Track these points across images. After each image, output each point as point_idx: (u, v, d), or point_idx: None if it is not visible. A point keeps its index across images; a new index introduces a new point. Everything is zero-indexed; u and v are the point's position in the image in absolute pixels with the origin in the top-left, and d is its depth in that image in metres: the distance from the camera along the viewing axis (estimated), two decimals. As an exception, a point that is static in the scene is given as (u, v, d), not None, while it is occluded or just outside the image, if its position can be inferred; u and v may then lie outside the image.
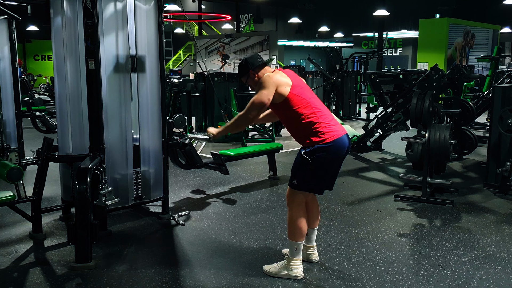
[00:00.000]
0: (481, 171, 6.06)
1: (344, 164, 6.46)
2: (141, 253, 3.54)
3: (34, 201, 3.75)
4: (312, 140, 2.98)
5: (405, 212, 4.53)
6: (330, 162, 3.02)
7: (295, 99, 3.00)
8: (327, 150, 2.95)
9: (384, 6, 15.06)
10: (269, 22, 24.74)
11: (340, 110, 12.07)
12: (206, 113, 8.60)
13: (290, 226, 3.12)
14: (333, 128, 2.99)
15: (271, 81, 2.99)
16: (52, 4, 3.90)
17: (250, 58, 3.17)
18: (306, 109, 2.99)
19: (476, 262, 3.42)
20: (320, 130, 2.96)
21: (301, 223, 3.09)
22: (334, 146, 2.96)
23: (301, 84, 3.10)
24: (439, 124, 4.89)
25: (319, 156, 2.95)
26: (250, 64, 3.15)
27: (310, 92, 3.12)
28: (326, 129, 2.97)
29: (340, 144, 2.99)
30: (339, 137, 2.98)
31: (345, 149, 3.04)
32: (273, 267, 3.18)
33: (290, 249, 3.15)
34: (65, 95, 3.92)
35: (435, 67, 6.28)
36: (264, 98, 2.98)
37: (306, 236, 3.25)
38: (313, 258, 3.35)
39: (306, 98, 3.03)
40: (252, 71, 3.14)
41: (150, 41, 3.95)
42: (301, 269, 3.13)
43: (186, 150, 4.50)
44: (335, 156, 3.01)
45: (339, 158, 3.06)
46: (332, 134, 2.97)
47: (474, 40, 17.69)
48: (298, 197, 3.11)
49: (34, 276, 3.18)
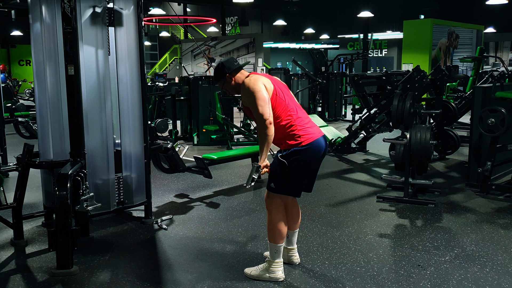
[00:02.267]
0: (463, 171, 6.14)
1: (328, 166, 6.57)
2: (123, 258, 3.53)
3: (15, 207, 3.72)
4: (288, 143, 3.00)
5: (387, 213, 4.57)
6: (307, 164, 3.04)
7: (273, 103, 3.00)
8: (303, 152, 2.98)
9: (368, 8, 15.18)
10: (255, 24, 24.79)
11: (326, 112, 12.14)
12: (191, 117, 8.59)
13: (270, 229, 3.14)
14: (309, 130, 3.02)
15: (257, 85, 2.95)
16: (31, 9, 3.88)
17: (226, 62, 3.15)
18: (283, 112, 3.00)
19: (456, 261, 3.47)
20: (296, 133, 2.99)
21: (281, 225, 3.11)
22: (310, 148, 2.99)
23: (280, 86, 3.11)
24: (420, 125, 4.95)
25: (295, 159, 2.98)
26: (226, 68, 3.13)
27: (288, 95, 3.13)
28: (302, 132, 2.99)
29: (317, 146, 3.02)
30: (315, 139, 3.00)
31: (321, 151, 3.06)
32: (254, 270, 3.20)
33: (270, 252, 3.17)
34: (45, 101, 3.90)
35: (417, 68, 6.35)
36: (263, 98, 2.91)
37: (286, 238, 3.27)
38: (294, 260, 3.37)
39: (284, 101, 3.03)
40: (229, 75, 3.13)
41: (130, 46, 3.95)
42: (282, 271, 3.15)
43: (168, 154, 4.50)
44: (312, 158, 3.03)
45: (316, 160, 3.08)
46: (308, 136, 2.99)
47: (458, 41, 17.88)
48: (277, 200, 3.13)
49: (14, 283, 3.16)
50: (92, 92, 3.81)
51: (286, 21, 20.26)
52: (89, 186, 3.66)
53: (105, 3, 3.78)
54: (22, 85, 17.36)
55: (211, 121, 8.28)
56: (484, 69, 11.41)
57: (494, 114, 4.88)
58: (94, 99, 3.82)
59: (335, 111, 12.29)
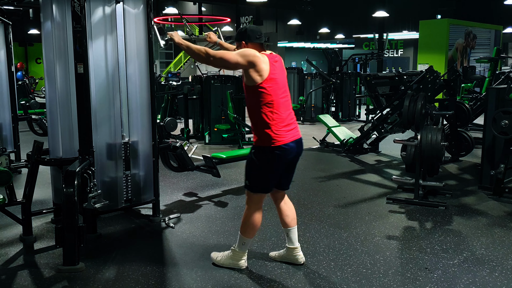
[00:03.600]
0: (476, 173, 6.04)
1: (339, 166, 6.53)
2: (129, 256, 3.55)
3: (24, 204, 3.76)
4: (261, 140, 3.06)
5: (396, 215, 4.52)
6: (275, 164, 3.08)
7: (263, 91, 3.01)
8: (272, 153, 3.03)
9: (383, 8, 15.02)
10: (269, 24, 24.75)
11: (340, 112, 12.08)
12: (203, 115, 8.61)
13: (244, 222, 3.23)
14: (283, 133, 3.05)
15: (251, 57, 2.99)
16: (42, 8, 3.92)
17: (250, 31, 3.14)
18: (268, 107, 3.02)
19: (464, 265, 3.41)
20: (269, 133, 3.02)
21: (255, 221, 3.19)
22: (279, 150, 3.03)
23: (278, 79, 3.08)
24: (431, 126, 4.88)
25: (264, 158, 3.06)
26: (246, 36, 3.13)
27: (283, 91, 3.12)
28: (275, 134, 3.02)
29: (286, 149, 3.05)
30: (286, 143, 3.05)
31: (291, 155, 3.11)
32: (220, 256, 3.35)
33: (238, 242, 3.27)
34: (55, 98, 3.94)
35: (430, 68, 6.28)
36: (233, 60, 2.99)
37: (286, 237, 3.37)
38: (299, 259, 3.36)
39: (273, 96, 3.03)
40: (245, 43, 3.14)
41: (140, 45, 3.97)
42: (245, 260, 3.30)
43: (177, 153, 4.51)
44: (281, 160, 3.07)
45: (287, 162, 3.14)
46: (279, 139, 3.03)
47: (476, 41, 17.62)
48: (254, 196, 3.20)
49: (21, 278, 3.20)
50: (101, 90, 3.83)
51: (301, 20, 20.17)
52: (97, 183, 3.70)
53: (114, 2, 3.80)
54: (39, 83, 17.62)
55: (223, 120, 8.30)
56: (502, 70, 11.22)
57: (507, 116, 4.80)
58: (103, 97, 3.85)
59: (348, 111, 12.22)
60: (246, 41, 3.14)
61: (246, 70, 3.01)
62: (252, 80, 3.01)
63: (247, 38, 3.14)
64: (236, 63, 3.00)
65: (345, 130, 7.93)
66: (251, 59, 2.98)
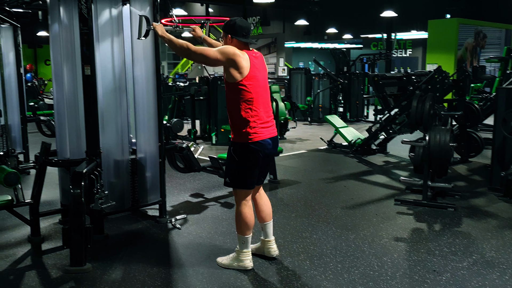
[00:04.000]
0: (486, 174, 5.97)
1: (346, 167, 6.51)
2: (136, 256, 3.55)
3: (32, 205, 3.78)
4: (239, 137, 3.13)
5: (404, 216, 4.48)
6: (254, 160, 3.15)
7: (243, 89, 3.06)
8: (249, 148, 3.11)
9: (391, 7, 14.95)
10: (277, 24, 24.71)
11: (348, 112, 12.02)
12: (210, 116, 8.62)
13: (237, 221, 3.26)
14: (260, 130, 3.12)
15: (231, 55, 3.02)
16: (50, 11, 3.95)
17: (239, 27, 3.13)
18: (247, 104, 3.08)
19: (474, 268, 3.37)
20: (248, 130, 3.09)
21: (246, 217, 3.21)
22: (255, 146, 3.11)
23: (258, 76, 3.12)
24: (439, 127, 4.84)
25: (243, 153, 3.13)
26: (233, 31, 3.14)
27: (263, 89, 3.17)
28: (253, 131, 3.09)
29: (262, 145, 3.13)
30: (262, 139, 3.12)
31: (266, 151, 3.17)
32: (225, 259, 3.35)
33: (239, 243, 3.30)
34: (62, 100, 3.97)
35: (439, 68, 6.23)
36: (213, 57, 3.03)
37: (262, 231, 3.43)
38: (272, 252, 3.43)
39: (253, 93, 3.09)
40: (230, 37, 3.15)
41: (146, 46, 3.97)
42: (250, 260, 3.29)
43: (183, 154, 4.51)
44: (258, 155, 3.14)
45: (262, 157, 3.17)
46: (256, 135, 3.10)
47: (486, 40, 17.47)
48: (239, 193, 3.24)
49: (29, 279, 3.21)
50: (108, 92, 3.85)
51: (308, 20, 20.11)
52: (104, 184, 3.71)
53: (121, 4, 3.81)
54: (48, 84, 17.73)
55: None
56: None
57: (517, 116, 4.74)
58: (110, 99, 3.86)
59: (357, 111, 12.15)
60: (232, 36, 3.15)
61: (226, 67, 3.06)
62: (232, 77, 3.06)
63: (234, 32, 3.14)
64: (216, 60, 3.04)
65: (353, 130, 7.89)
66: (230, 57, 3.01)
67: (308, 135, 9.77)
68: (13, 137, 6.18)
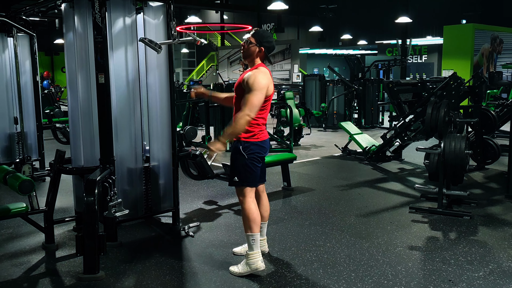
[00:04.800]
0: (503, 182, 5.87)
1: (361, 175, 6.46)
2: (149, 264, 3.56)
3: (46, 212, 3.82)
4: (246, 136, 3.30)
5: (419, 224, 4.42)
6: (258, 157, 3.35)
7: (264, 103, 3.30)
8: (258, 146, 3.33)
9: (406, 13, 14.87)
10: (291, 31, 24.76)
11: (362, 119, 11.94)
12: (224, 123, 8.63)
13: (245, 220, 3.34)
14: (263, 132, 3.41)
15: (265, 87, 3.24)
16: (65, 19, 4.01)
17: (271, 45, 3.36)
18: (260, 112, 3.31)
19: (490, 277, 3.30)
20: (255, 131, 3.33)
21: (254, 213, 3.31)
22: (262, 144, 3.37)
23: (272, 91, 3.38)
24: (454, 134, 4.77)
25: (252, 151, 3.30)
26: (265, 47, 3.32)
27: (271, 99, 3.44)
28: (259, 130, 3.36)
29: (266, 144, 3.43)
30: (265, 139, 3.42)
31: (267, 149, 3.46)
32: (237, 267, 3.37)
33: (248, 243, 3.34)
34: (77, 108, 4.01)
35: (454, 75, 6.16)
36: (260, 101, 3.23)
37: None
38: (263, 250, 3.58)
39: (267, 105, 3.36)
40: (260, 48, 3.32)
41: (159, 54, 3.99)
42: (261, 260, 3.33)
43: (197, 161, 4.52)
44: (262, 152, 3.38)
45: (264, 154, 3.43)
46: (261, 134, 3.38)
47: (503, 46, 17.26)
48: (245, 191, 3.34)
49: (43, 286, 3.24)
50: (122, 100, 3.88)
51: (322, 27, 20.12)
52: (117, 192, 3.72)
53: (134, 12, 3.84)
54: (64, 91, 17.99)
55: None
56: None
57: (535, 123, 4.65)
58: (124, 107, 3.89)
59: (371, 118, 12.07)
60: (262, 50, 3.34)
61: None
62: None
63: (266, 48, 3.35)
64: (261, 101, 3.23)
65: (368, 137, 7.83)
66: (265, 89, 3.24)
67: (322, 142, 9.73)
68: (29, 144, 6.26)
